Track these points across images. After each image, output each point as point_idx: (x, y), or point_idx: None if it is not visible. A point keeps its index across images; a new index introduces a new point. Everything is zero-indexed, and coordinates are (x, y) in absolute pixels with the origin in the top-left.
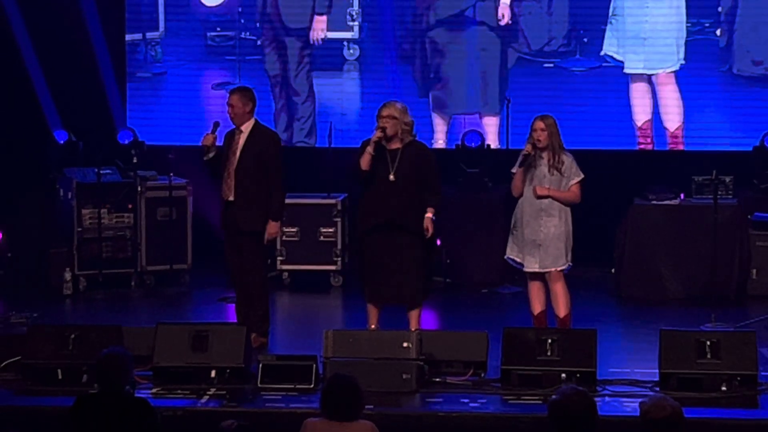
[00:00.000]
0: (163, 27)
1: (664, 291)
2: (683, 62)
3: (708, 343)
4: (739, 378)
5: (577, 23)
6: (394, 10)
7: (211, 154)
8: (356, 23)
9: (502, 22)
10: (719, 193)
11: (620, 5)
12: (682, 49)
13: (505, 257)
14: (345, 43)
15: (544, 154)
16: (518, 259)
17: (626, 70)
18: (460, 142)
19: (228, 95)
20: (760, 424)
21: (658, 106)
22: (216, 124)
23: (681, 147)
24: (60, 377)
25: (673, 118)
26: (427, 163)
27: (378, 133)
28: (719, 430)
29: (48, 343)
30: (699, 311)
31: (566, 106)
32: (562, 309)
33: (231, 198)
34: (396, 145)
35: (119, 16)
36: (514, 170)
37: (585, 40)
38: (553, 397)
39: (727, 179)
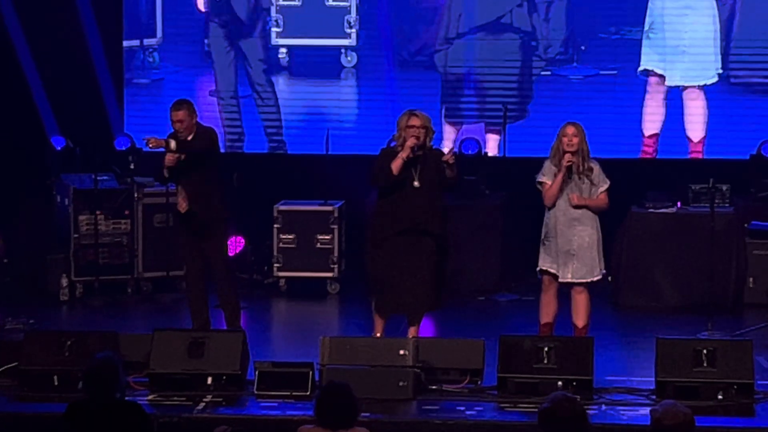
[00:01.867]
0: (160, 33)
1: (661, 299)
2: (721, 71)
3: (704, 351)
4: (735, 386)
5: (574, 31)
6: (393, 17)
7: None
8: (354, 30)
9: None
10: (716, 201)
11: (658, 19)
12: (719, 58)
13: (538, 270)
14: (342, 50)
15: (574, 160)
16: (552, 270)
17: (668, 83)
18: (457, 150)
19: (171, 112)
20: None
21: (683, 119)
22: (168, 142)
23: (700, 156)
24: (56, 383)
25: (696, 129)
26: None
27: (413, 140)
28: None
29: (44, 349)
30: (695, 319)
31: (563, 114)
32: (582, 319)
33: (186, 207)
34: (418, 153)
35: (117, 23)
36: (541, 179)
37: (582, 47)
38: (543, 404)
39: (724, 187)
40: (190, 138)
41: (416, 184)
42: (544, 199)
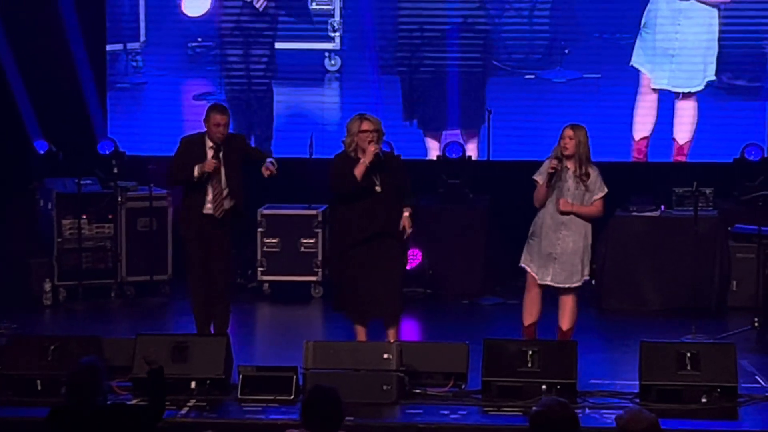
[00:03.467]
0: (144, 37)
1: (645, 302)
2: (713, 79)
3: (688, 354)
4: (719, 390)
5: (558, 34)
6: (376, 21)
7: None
8: (338, 34)
9: None
10: (700, 204)
11: (651, 19)
12: (711, 67)
13: (520, 264)
14: (326, 54)
15: (570, 164)
16: (532, 270)
17: (653, 86)
18: (441, 153)
19: (215, 115)
20: None
21: (672, 123)
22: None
23: (684, 159)
24: (39, 388)
25: (684, 134)
26: (403, 171)
27: (375, 146)
28: None
29: (28, 354)
30: (679, 323)
31: (547, 117)
32: (566, 322)
33: (225, 209)
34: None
35: (100, 27)
36: (536, 178)
37: (566, 51)
38: (535, 408)
39: (708, 191)
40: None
41: (378, 189)
42: (534, 200)
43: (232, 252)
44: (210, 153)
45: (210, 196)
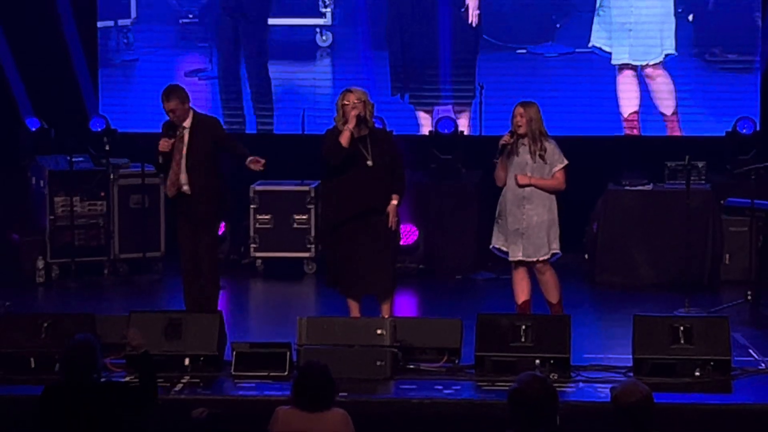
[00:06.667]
0: (135, 13)
1: (638, 276)
2: (672, 53)
3: (681, 328)
4: (712, 363)
5: (549, 9)
6: None
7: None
8: (329, 9)
9: (472, 21)
10: (692, 178)
11: None
12: (670, 41)
13: (491, 247)
14: (318, 29)
15: (525, 141)
16: (504, 248)
17: (613, 62)
18: (433, 129)
19: (163, 102)
20: (734, 409)
21: (650, 95)
22: (176, 133)
23: (678, 132)
24: (33, 366)
25: (667, 104)
26: (395, 148)
27: (356, 111)
28: (692, 415)
29: (20, 331)
30: (672, 297)
31: (539, 92)
32: (553, 295)
33: (188, 192)
34: (364, 131)
35: (91, 3)
36: (495, 159)
37: (558, 25)
38: (513, 385)
39: (700, 165)
40: (186, 124)
41: (369, 163)
42: (495, 180)
43: (219, 229)
44: (183, 133)
45: (171, 176)
